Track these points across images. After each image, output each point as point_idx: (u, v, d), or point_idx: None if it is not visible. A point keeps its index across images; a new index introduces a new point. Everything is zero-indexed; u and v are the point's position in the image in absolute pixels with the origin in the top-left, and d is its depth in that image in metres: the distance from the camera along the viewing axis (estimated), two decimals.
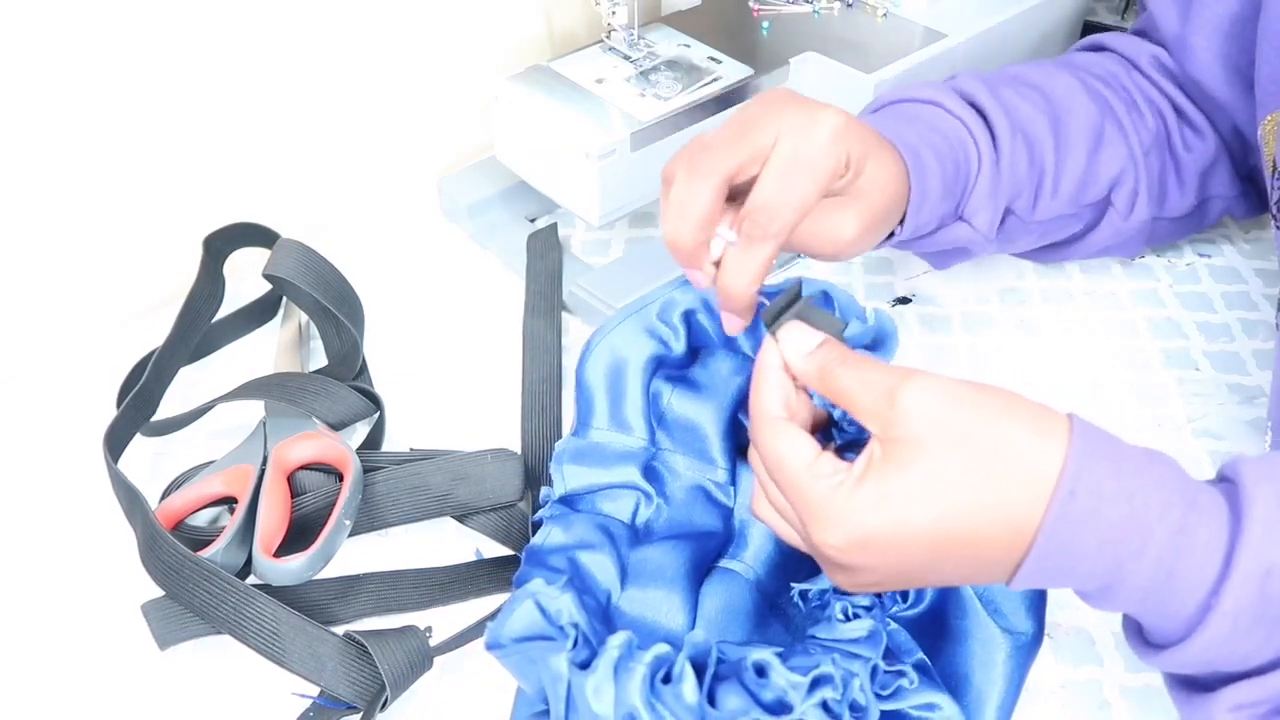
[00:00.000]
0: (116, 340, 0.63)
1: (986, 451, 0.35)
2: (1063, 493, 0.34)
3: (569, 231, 0.71)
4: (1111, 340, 0.64)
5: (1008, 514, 0.35)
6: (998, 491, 0.35)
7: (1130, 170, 0.59)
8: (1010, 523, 0.35)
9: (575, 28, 0.80)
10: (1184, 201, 0.62)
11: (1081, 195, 0.58)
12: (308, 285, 0.58)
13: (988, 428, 0.35)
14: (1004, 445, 0.35)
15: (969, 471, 0.35)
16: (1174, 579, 0.35)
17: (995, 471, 0.35)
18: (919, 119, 0.54)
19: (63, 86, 0.58)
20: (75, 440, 0.57)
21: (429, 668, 0.47)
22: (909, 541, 0.35)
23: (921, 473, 0.35)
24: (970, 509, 0.35)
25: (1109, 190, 0.59)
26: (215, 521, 0.54)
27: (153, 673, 0.48)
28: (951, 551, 0.35)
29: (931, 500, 0.35)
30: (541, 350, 0.61)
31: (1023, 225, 0.57)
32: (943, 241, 0.55)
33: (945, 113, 0.55)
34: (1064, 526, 0.34)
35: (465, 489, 0.52)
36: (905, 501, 0.35)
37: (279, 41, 0.65)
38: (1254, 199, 0.64)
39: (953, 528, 0.35)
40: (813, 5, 0.74)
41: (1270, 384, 0.58)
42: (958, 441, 0.35)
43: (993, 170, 0.54)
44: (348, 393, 0.56)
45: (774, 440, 0.38)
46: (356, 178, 0.74)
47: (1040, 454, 0.35)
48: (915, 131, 0.52)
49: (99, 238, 0.63)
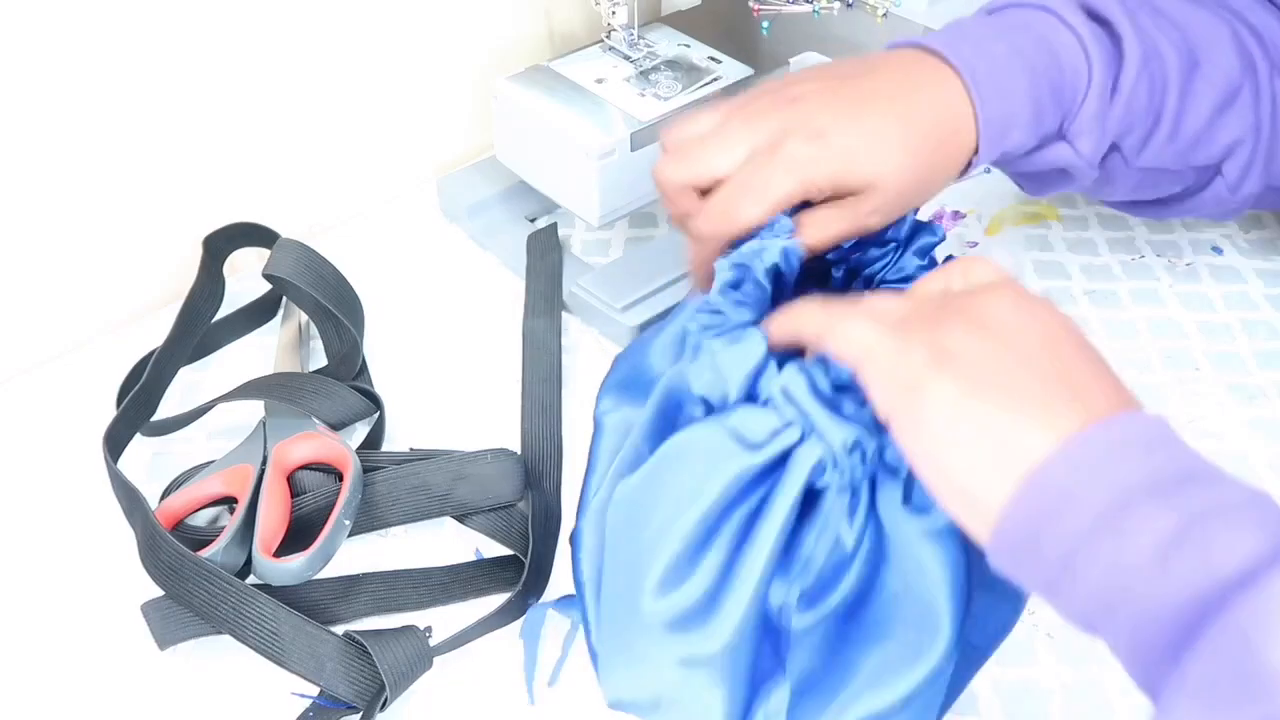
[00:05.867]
0: (116, 340, 0.63)
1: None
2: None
3: (569, 231, 0.71)
4: (1111, 340, 0.64)
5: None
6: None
7: (1250, 141, 0.55)
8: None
9: (575, 28, 0.80)
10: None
11: (1193, 154, 0.54)
12: (308, 285, 0.58)
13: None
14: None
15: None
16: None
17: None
18: (1027, 28, 0.50)
19: (63, 87, 0.58)
20: (75, 440, 0.57)
21: (429, 668, 0.47)
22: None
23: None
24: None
25: (1222, 157, 0.55)
26: (215, 521, 0.54)
27: (152, 673, 0.48)
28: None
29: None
30: (541, 350, 0.61)
31: (1124, 167, 0.54)
32: (1041, 162, 0.52)
33: (1058, 22, 0.50)
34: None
35: (465, 489, 0.52)
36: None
37: (279, 42, 0.65)
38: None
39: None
40: (813, 5, 0.74)
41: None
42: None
43: (1104, 93, 0.50)
44: (348, 393, 0.56)
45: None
46: (356, 178, 0.74)
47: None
48: (1009, 44, 0.48)
49: (99, 238, 0.63)
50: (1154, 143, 0.53)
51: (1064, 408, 0.34)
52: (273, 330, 0.65)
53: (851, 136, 0.45)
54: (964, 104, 0.47)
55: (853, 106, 0.46)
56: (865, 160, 0.46)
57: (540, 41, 0.78)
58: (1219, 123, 0.54)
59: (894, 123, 0.46)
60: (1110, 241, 0.71)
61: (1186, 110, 0.53)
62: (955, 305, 0.37)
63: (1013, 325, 0.36)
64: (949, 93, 0.47)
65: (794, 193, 0.45)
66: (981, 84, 0.47)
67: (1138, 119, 0.52)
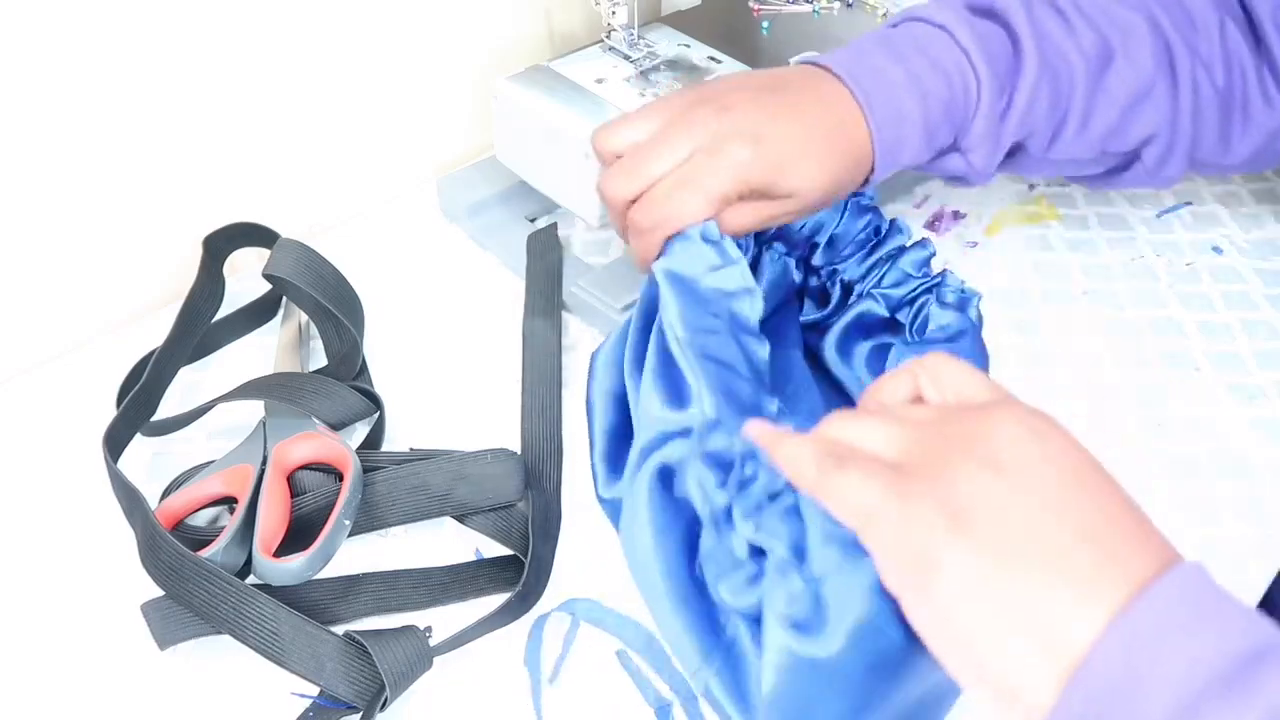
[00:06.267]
0: (116, 340, 0.63)
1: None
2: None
3: (569, 231, 0.71)
4: (1112, 340, 0.64)
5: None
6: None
7: (1166, 133, 0.56)
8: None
9: (575, 28, 0.80)
10: (1245, 150, 0.59)
11: (1107, 144, 0.56)
12: (308, 285, 0.58)
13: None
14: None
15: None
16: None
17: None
18: (922, 51, 0.52)
19: (63, 87, 0.58)
20: (75, 440, 0.57)
21: (429, 668, 0.47)
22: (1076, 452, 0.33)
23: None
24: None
25: (1139, 146, 0.56)
26: (215, 521, 0.54)
27: (152, 673, 0.48)
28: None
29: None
30: (541, 350, 0.61)
31: (1036, 161, 0.56)
32: (938, 170, 0.55)
33: (950, 41, 0.52)
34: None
35: (465, 489, 0.52)
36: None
37: (279, 42, 0.65)
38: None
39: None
40: (813, 5, 0.74)
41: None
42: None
43: (994, 112, 0.52)
44: (348, 393, 0.56)
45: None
46: (356, 178, 0.74)
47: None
48: (905, 69, 0.51)
49: (99, 238, 0.63)
50: (1063, 139, 0.55)
51: (1099, 573, 0.30)
52: (273, 330, 0.65)
53: (784, 144, 0.47)
54: (860, 124, 0.50)
55: (782, 117, 0.48)
56: (792, 169, 0.48)
57: (540, 41, 0.78)
58: (1131, 116, 0.55)
59: (817, 138, 0.48)
60: (1110, 241, 0.71)
61: (1096, 108, 0.54)
62: (957, 437, 0.34)
63: (1026, 463, 0.32)
64: (851, 114, 0.50)
65: (730, 191, 0.47)
66: (876, 110, 0.50)
67: (1040, 122, 0.54)
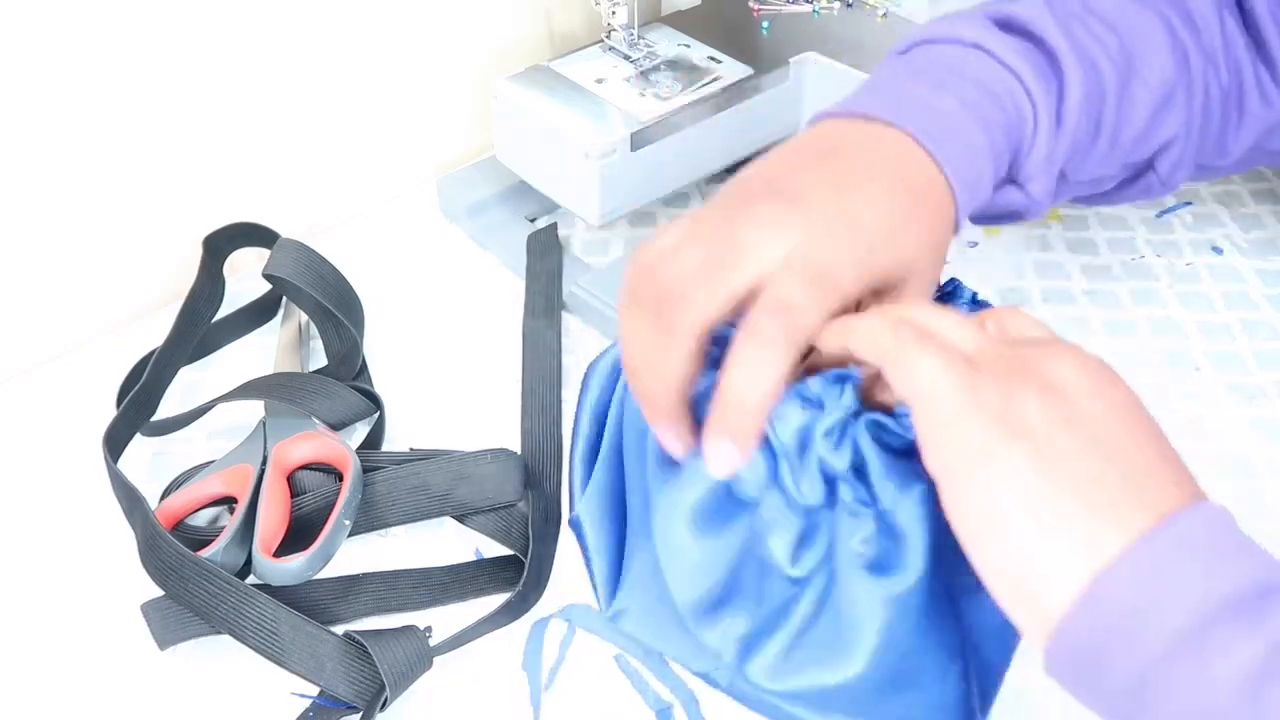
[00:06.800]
0: (116, 340, 0.63)
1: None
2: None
3: (569, 231, 0.71)
4: (1112, 340, 0.64)
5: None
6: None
7: (1182, 138, 0.52)
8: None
9: (575, 28, 0.80)
10: (1239, 150, 0.57)
11: (1130, 156, 0.52)
12: (308, 285, 0.58)
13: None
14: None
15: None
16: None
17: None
18: (962, 74, 0.44)
19: (63, 87, 0.58)
20: (75, 440, 0.57)
21: (429, 668, 0.47)
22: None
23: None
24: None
25: (1156, 154, 0.53)
26: (215, 521, 0.54)
27: (152, 673, 0.48)
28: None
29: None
30: (541, 350, 0.61)
31: (1066, 186, 0.51)
32: (992, 209, 0.49)
33: (993, 61, 0.45)
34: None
35: (465, 489, 0.52)
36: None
37: (279, 41, 0.65)
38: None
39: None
40: (813, 5, 0.74)
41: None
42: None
43: (1050, 133, 0.46)
44: (348, 393, 0.56)
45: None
46: (356, 178, 0.74)
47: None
48: (955, 96, 0.43)
49: (99, 238, 0.63)
50: (1094, 157, 0.50)
51: (1136, 500, 0.31)
52: (273, 330, 0.65)
53: (864, 232, 0.38)
54: (931, 168, 0.41)
55: (846, 199, 0.38)
56: (884, 251, 0.38)
57: (540, 41, 0.78)
58: (1155, 124, 0.51)
59: (902, 205, 0.40)
60: (1110, 241, 0.71)
61: (1124, 120, 0.50)
62: (1025, 361, 0.34)
63: (1085, 392, 0.34)
64: (916, 161, 0.41)
65: (821, 320, 0.36)
66: (944, 147, 0.41)
67: (1083, 142, 0.49)
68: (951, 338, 0.35)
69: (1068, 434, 0.32)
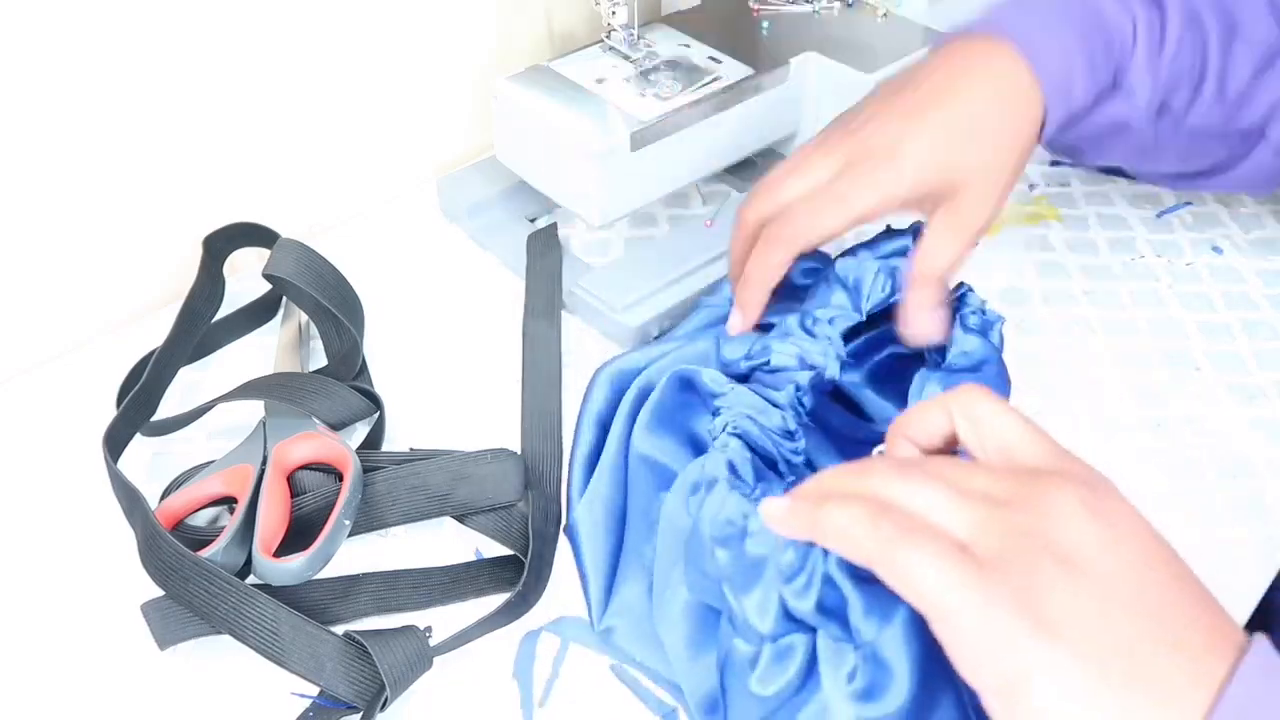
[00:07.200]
0: (116, 340, 0.63)
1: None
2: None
3: (569, 231, 0.71)
4: (1112, 340, 0.64)
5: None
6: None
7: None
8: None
9: (575, 28, 0.80)
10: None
11: (1238, 115, 0.55)
12: (308, 285, 0.58)
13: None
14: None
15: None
16: None
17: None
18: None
19: (63, 87, 0.58)
20: (75, 440, 0.57)
21: (429, 668, 0.47)
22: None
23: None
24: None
25: (1266, 119, 0.56)
26: (215, 521, 0.54)
27: (152, 673, 0.48)
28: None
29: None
30: (541, 350, 0.61)
31: (1174, 128, 0.55)
32: (1100, 118, 0.53)
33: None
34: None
35: (465, 489, 0.52)
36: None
37: (279, 41, 0.65)
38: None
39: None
40: (813, 5, 0.74)
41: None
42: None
43: (1152, 45, 0.51)
44: (348, 393, 0.56)
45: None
46: (356, 178, 0.74)
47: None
48: (1049, 6, 0.50)
49: (99, 238, 0.63)
50: (1201, 101, 0.54)
51: (1185, 680, 0.31)
52: (273, 330, 0.65)
53: (920, 142, 0.47)
54: (1020, 70, 0.48)
55: (911, 115, 0.48)
56: (944, 160, 0.47)
57: (540, 41, 0.78)
58: (1260, 83, 0.55)
59: (955, 115, 0.47)
60: (1110, 241, 0.71)
61: (1230, 71, 0.54)
62: (1025, 531, 0.33)
63: (1105, 554, 0.32)
64: (1001, 64, 0.48)
65: (875, 207, 0.47)
66: (1034, 45, 0.48)
67: (1184, 75, 0.53)
68: (938, 521, 0.34)
69: (1100, 618, 0.32)
